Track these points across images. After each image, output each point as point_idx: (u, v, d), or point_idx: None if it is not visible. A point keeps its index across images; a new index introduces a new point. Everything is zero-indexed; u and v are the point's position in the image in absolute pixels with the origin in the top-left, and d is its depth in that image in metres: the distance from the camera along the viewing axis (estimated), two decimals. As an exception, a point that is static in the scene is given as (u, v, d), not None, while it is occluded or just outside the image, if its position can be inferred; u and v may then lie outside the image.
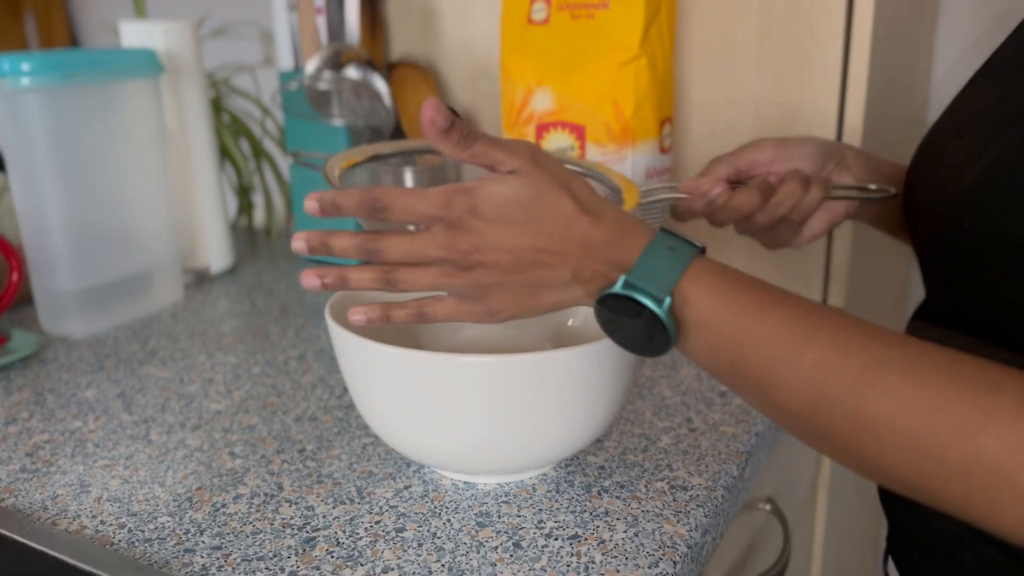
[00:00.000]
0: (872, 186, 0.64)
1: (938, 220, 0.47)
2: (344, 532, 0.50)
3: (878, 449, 0.37)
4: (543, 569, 0.46)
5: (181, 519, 0.52)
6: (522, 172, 0.44)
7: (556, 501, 0.52)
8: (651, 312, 0.42)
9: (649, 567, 0.46)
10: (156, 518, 0.52)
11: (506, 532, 0.49)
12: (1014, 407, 0.34)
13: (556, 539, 0.49)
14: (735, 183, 0.64)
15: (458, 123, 0.43)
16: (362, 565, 0.47)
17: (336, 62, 0.91)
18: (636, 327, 0.43)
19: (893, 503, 0.56)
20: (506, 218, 0.43)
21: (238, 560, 0.48)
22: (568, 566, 0.46)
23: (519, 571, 0.46)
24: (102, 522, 0.52)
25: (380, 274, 0.45)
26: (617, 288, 0.43)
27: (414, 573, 0.46)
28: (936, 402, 0.35)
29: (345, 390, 0.69)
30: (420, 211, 0.44)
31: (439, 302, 0.46)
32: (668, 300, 0.42)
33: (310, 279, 0.45)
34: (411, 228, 0.45)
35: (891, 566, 0.57)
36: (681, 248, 0.43)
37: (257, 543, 0.49)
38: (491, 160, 0.44)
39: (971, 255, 0.43)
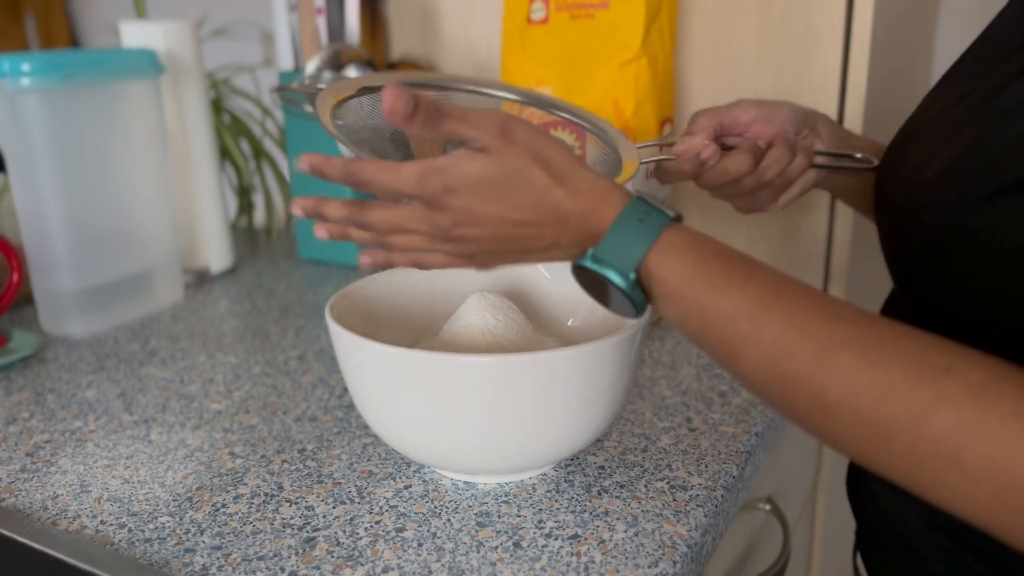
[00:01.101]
0: (858, 155, 0.64)
1: (901, 213, 0.48)
2: (344, 532, 0.50)
3: (832, 426, 0.38)
4: (543, 569, 0.46)
5: (181, 519, 0.52)
6: (492, 149, 0.44)
7: (556, 501, 0.52)
8: (617, 285, 0.43)
9: (649, 567, 0.46)
10: (156, 518, 0.52)
11: (506, 532, 0.49)
12: (963, 390, 0.34)
13: (556, 539, 0.49)
14: (723, 146, 0.64)
15: (423, 104, 0.43)
16: (362, 565, 0.47)
17: (336, 62, 0.92)
18: (608, 295, 0.45)
19: (860, 504, 0.57)
20: (480, 196, 0.44)
21: (238, 560, 0.48)
22: (568, 566, 0.46)
23: (519, 571, 0.46)
24: (102, 522, 0.52)
25: (376, 235, 0.47)
26: (586, 261, 0.44)
27: (414, 573, 0.46)
28: (887, 383, 0.36)
29: (345, 390, 0.69)
30: (396, 189, 0.44)
31: (433, 254, 0.47)
32: (633, 275, 0.43)
33: (319, 231, 0.47)
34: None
35: (860, 562, 0.58)
36: (653, 219, 0.44)
37: (257, 543, 0.49)
38: (461, 137, 0.45)
39: (930, 248, 0.44)
